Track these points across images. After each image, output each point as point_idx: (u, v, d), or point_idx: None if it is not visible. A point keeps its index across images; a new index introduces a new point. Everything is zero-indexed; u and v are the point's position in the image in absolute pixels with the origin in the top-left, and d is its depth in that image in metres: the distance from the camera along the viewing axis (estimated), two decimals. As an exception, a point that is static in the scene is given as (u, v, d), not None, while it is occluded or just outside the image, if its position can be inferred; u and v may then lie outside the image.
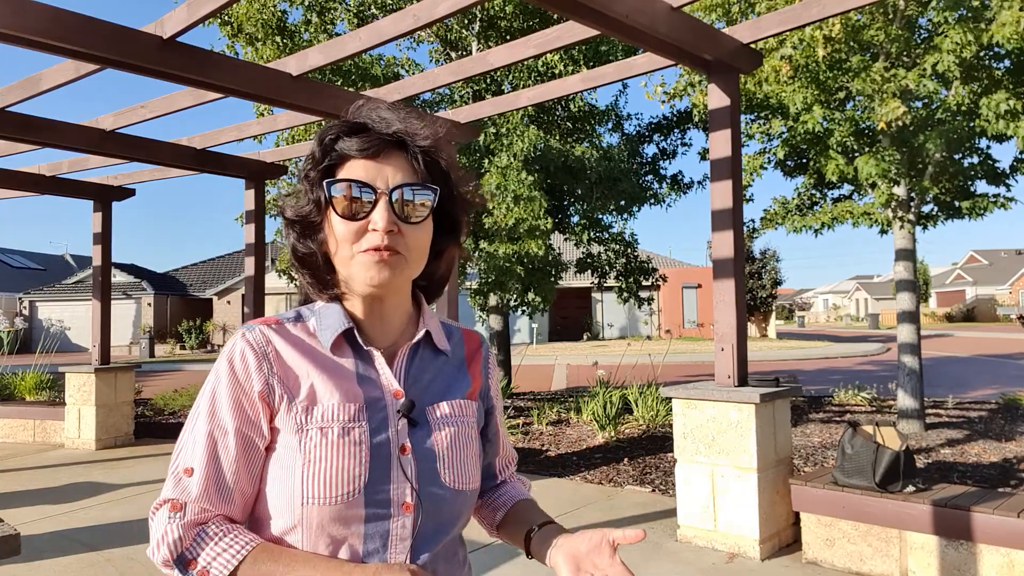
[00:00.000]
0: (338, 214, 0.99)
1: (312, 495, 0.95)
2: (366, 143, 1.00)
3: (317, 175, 1.02)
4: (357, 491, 0.96)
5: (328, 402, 0.99)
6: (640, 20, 3.73)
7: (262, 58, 8.85)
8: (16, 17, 3.51)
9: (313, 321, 1.06)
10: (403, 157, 1.02)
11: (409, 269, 1.02)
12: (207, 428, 0.99)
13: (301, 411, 0.98)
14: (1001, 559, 3.43)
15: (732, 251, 4.42)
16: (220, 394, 1.00)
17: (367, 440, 0.98)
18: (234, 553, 0.93)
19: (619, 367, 12.80)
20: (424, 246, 1.04)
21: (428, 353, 1.11)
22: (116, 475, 6.57)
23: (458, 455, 1.05)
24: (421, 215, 1.01)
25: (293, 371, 1.00)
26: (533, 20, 9.57)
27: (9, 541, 2.34)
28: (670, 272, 32.76)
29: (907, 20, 6.76)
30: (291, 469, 0.97)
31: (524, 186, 8.48)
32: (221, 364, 1.01)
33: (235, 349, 1.01)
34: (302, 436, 0.97)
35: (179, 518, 0.95)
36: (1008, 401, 9.06)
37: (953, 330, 38.84)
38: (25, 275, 41.49)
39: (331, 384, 1.00)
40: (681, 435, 4.40)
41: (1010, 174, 7.31)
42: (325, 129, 1.04)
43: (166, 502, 0.97)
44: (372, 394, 1.02)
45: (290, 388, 0.99)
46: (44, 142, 5.90)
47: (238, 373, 0.99)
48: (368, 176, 0.99)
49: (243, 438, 0.99)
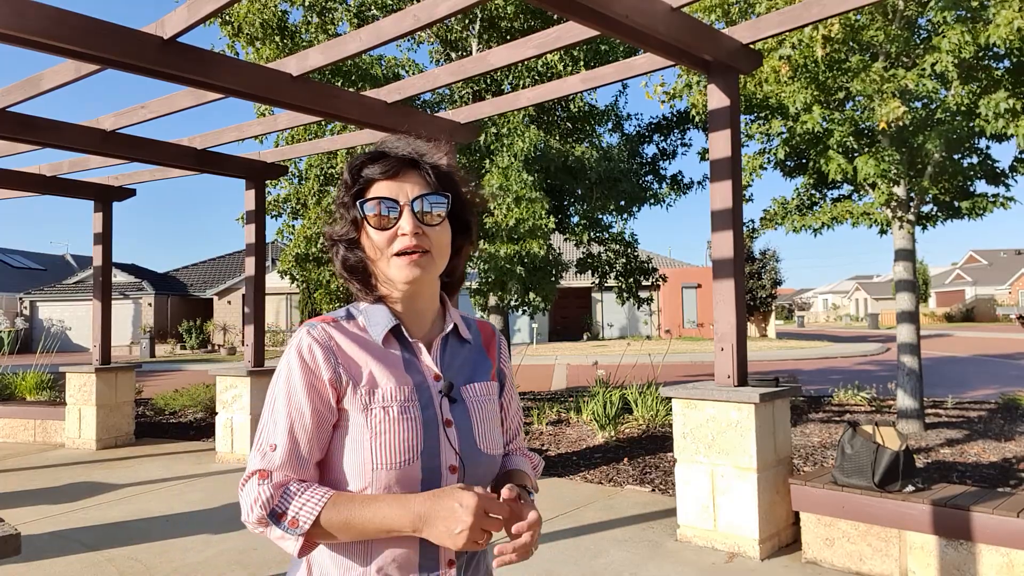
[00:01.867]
0: (373, 227, 1.21)
1: (381, 461, 1.16)
2: (386, 166, 1.23)
3: (350, 199, 1.25)
4: (415, 457, 1.17)
5: (386, 386, 1.20)
6: (640, 20, 3.73)
7: (263, 58, 8.85)
8: (16, 17, 3.51)
9: (362, 319, 1.27)
10: (418, 174, 1.24)
11: (435, 265, 1.24)
12: (287, 410, 1.18)
13: (365, 394, 1.19)
14: (1001, 559, 3.43)
15: (732, 251, 4.42)
16: (295, 381, 1.18)
17: (420, 416, 1.20)
18: (316, 502, 1.13)
19: (619, 367, 12.81)
20: (445, 244, 1.26)
21: (456, 342, 1.34)
22: (116, 475, 6.58)
23: (488, 426, 1.28)
24: (439, 218, 1.23)
25: (354, 361, 1.21)
26: (533, 20, 9.57)
27: (9, 541, 2.34)
28: (670, 272, 32.74)
29: (906, 20, 6.76)
30: (360, 442, 1.17)
31: (526, 186, 8.48)
32: (291, 356, 1.20)
33: (303, 343, 1.20)
34: (368, 415, 1.18)
35: (267, 483, 1.14)
36: (1007, 401, 9.06)
37: (953, 330, 38.84)
38: (25, 275, 41.48)
39: (386, 371, 1.22)
40: (681, 435, 4.40)
41: (1009, 174, 7.31)
42: (352, 161, 1.27)
43: (255, 473, 1.16)
44: (417, 378, 1.24)
45: (353, 375, 1.20)
46: (44, 142, 5.90)
47: (308, 363, 1.19)
48: (392, 193, 1.22)
49: (317, 416, 1.18)
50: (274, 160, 7.54)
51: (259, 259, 7.47)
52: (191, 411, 10.26)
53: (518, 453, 1.46)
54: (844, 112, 6.95)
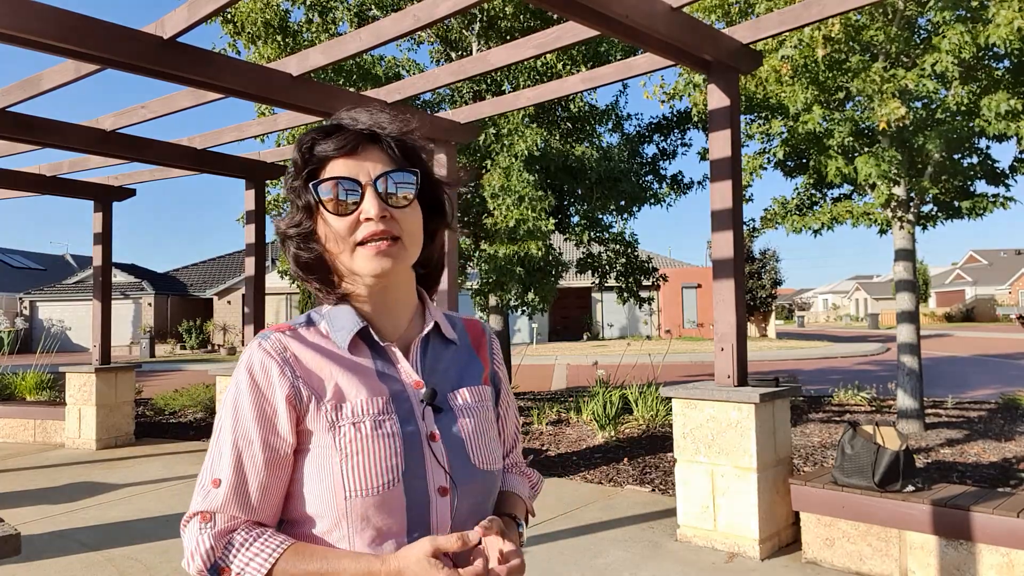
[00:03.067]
0: (330, 212, 1.03)
1: (354, 488, 0.98)
2: (342, 141, 1.04)
3: (301, 182, 1.06)
4: (396, 479, 0.99)
5: (356, 398, 1.03)
6: (640, 20, 3.73)
7: (264, 57, 8.85)
8: (16, 17, 3.51)
9: (324, 324, 1.09)
10: (379, 149, 1.06)
11: (408, 253, 1.06)
12: (232, 438, 1.01)
13: (331, 409, 1.02)
14: (1000, 559, 3.43)
15: (732, 251, 4.42)
16: (242, 404, 1.02)
17: (399, 431, 1.02)
18: (266, 556, 0.96)
19: (619, 367, 12.81)
20: (417, 227, 1.08)
21: (438, 343, 1.16)
22: (116, 475, 6.58)
23: (482, 438, 1.10)
24: (407, 198, 1.05)
25: (315, 373, 1.04)
26: (533, 20, 9.56)
27: (9, 541, 2.34)
28: (670, 272, 32.73)
29: (906, 20, 6.76)
30: (328, 467, 1.00)
31: (528, 186, 8.48)
32: (240, 374, 1.04)
33: (253, 358, 1.04)
34: (336, 433, 1.01)
35: (209, 528, 0.97)
36: (1008, 401, 9.06)
37: (953, 330, 38.83)
38: (25, 275, 41.48)
39: (355, 382, 1.04)
40: (681, 435, 4.40)
41: (1010, 174, 7.31)
42: (301, 138, 1.08)
43: (196, 514, 0.99)
44: (394, 387, 1.06)
45: (316, 389, 1.03)
46: (44, 142, 5.90)
47: (259, 382, 1.02)
48: (350, 171, 1.03)
49: (268, 445, 1.01)
50: (274, 160, 7.54)
51: (259, 259, 7.47)
52: (191, 411, 10.26)
53: (515, 471, 1.29)
54: (844, 112, 6.95)
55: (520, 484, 1.26)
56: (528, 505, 1.25)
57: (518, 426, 1.31)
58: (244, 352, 1.06)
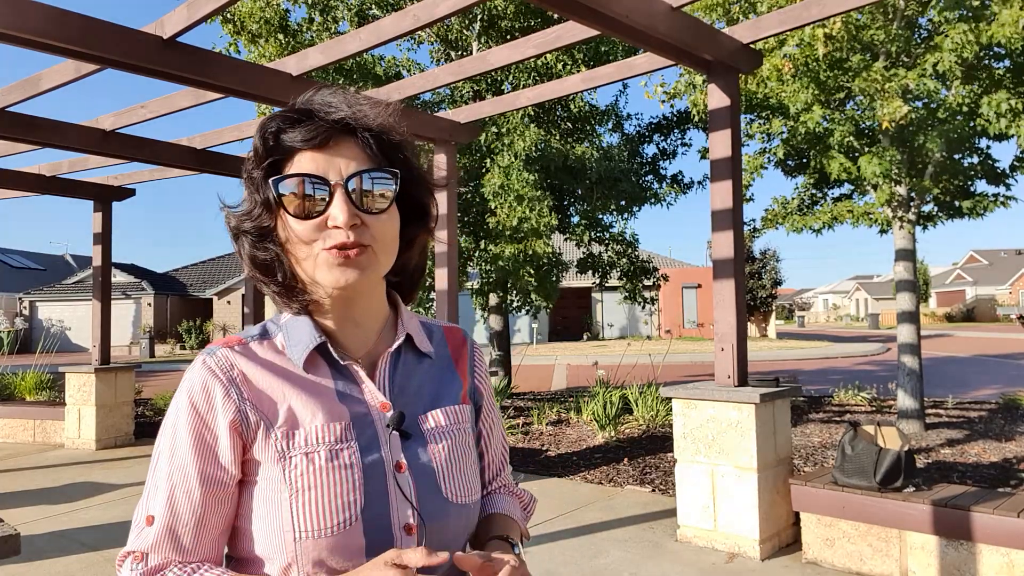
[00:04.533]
0: (291, 214, 0.89)
1: (305, 528, 0.87)
2: (312, 132, 0.90)
3: (261, 174, 0.92)
4: (354, 518, 0.88)
5: (310, 424, 0.91)
6: (640, 20, 3.73)
7: (264, 57, 8.85)
8: (16, 17, 3.51)
9: (280, 337, 0.97)
10: (355, 143, 0.92)
11: (379, 264, 0.93)
12: (167, 471, 0.91)
13: (281, 437, 0.90)
14: (1001, 559, 3.43)
15: (732, 251, 4.42)
16: (180, 431, 0.91)
17: (359, 461, 0.91)
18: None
19: (619, 367, 12.81)
20: (393, 236, 0.94)
21: (411, 358, 1.02)
22: (116, 475, 6.57)
23: (457, 466, 0.98)
24: (384, 203, 0.91)
25: (266, 395, 0.92)
26: (533, 20, 9.57)
27: (9, 541, 2.34)
28: (670, 272, 32.75)
29: (907, 20, 6.75)
30: (277, 503, 0.89)
31: (528, 185, 8.48)
32: (180, 397, 0.92)
33: (195, 379, 0.92)
34: (286, 464, 0.89)
35: (140, 567, 0.89)
36: (1008, 401, 9.06)
37: (953, 330, 38.83)
38: (25, 275, 41.50)
39: (311, 405, 0.92)
40: (681, 435, 4.40)
41: (1010, 173, 7.31)
42: (265, 122, 0.93)
43: (129, 554, 0.91)
44: (357, 410, 0.94)
45: (266, 414, 0.91)
46: (44, 142, 5.89)
47: (198, 405, 0.91)
48: (319, 168, 0.89)
49: (207, 479, 0.90)
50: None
51: (259, 259, 7.46)
52: (191, 411, 10.26)
53: (503, 491, 1.15)
54: (845, 112, 6.95)
55: (512, 505, 1.14)
56: (522, 527, 1.13)
57: (505, 445, 1.18)
58: (188, 371, 0.94)
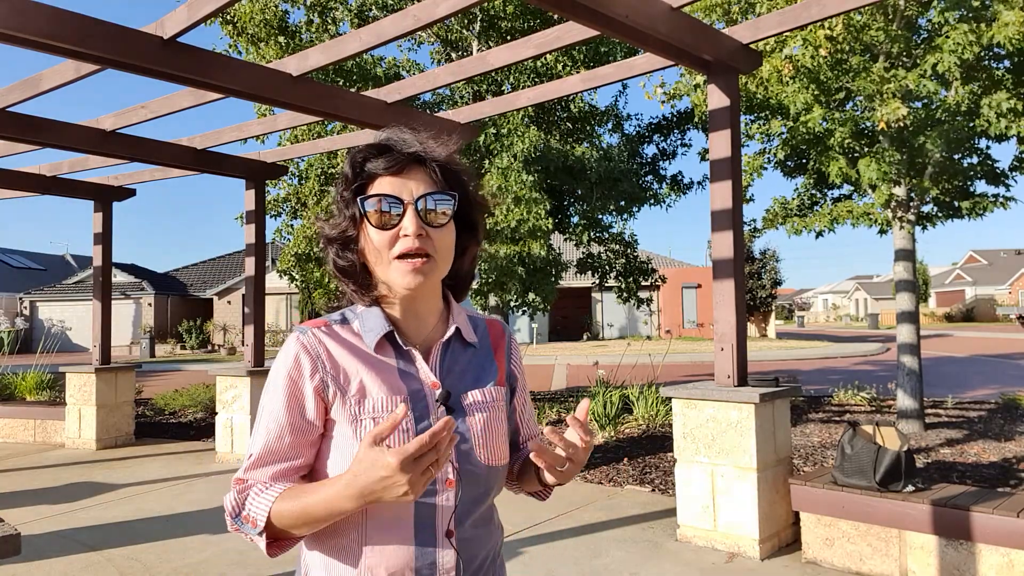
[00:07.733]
0: (373, 225, 1.15)
1: None
2: (391, 162, 1.16)
3: (351, 194, 1.19)
4: None
5: (377, 395, 1.15)
6: (640, 20, 3.73)
7: (264, 58, 8.85)
8: (16, 17, 3.51)
9: (357, 323, 1.22)
10: (423, 171, 1.18)
11: (438, 270, 1.18)
12: (266, 420, 1.16)
13: (354, 403, 1.15)
14: (1001, 559, 3.43)
15: (732, 251, 4.42)
16: (277, 391, 1.16)
17: (413, 427, 1.14)
18: (267, 499, 1.11)
19: (619, 367, 12.81)
20: (450, 246, 1.20)
21: (459, 346, 1.27)
22: (116, 475, 6.58)
23: (491, 436, 1.22)
24: (444, 219, 1.17)
25: (344, 369, 1.17)
26: (533, 20, 9.56)
27: (9, 541, 2.34)
28: (670, 272, 32.75)
29: (907, 20, 6.76)
30: (347, 454, 1.13)
31: (526, 187, 8.47)
32: (279, 365, 1.18)
33: (290, 351, 1.17)
34: (357, 425, 1.14)
35: (238, 487, 1.15)
36: (1007, 401, 9.06)
37: (952, 330, 38.83)
38: (25, 275, 41.48)
39: (378, 379, 1.16)
40: (681, 435, 4.40)
41: (1010, 174, 7.31)
42: (355, 153, 1.20)
43: (235, 481, 1.16)
44: (413, 387, 1.18)
45: (342, 384, 1.16)
46: (44, 142, 5.90)
47: (292, 373, 1.16)
48: (395, 190, 1.15)
49: (295, 428, 1.15)
50: (274, 160, 7.54)
51: (259, 259, 7.47)
52: (191, 411, 10.26)
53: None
54: (844, 112, 6.95)
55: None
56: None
57: (535, 418, 1.45)
58: (285, 344, 1.20)
